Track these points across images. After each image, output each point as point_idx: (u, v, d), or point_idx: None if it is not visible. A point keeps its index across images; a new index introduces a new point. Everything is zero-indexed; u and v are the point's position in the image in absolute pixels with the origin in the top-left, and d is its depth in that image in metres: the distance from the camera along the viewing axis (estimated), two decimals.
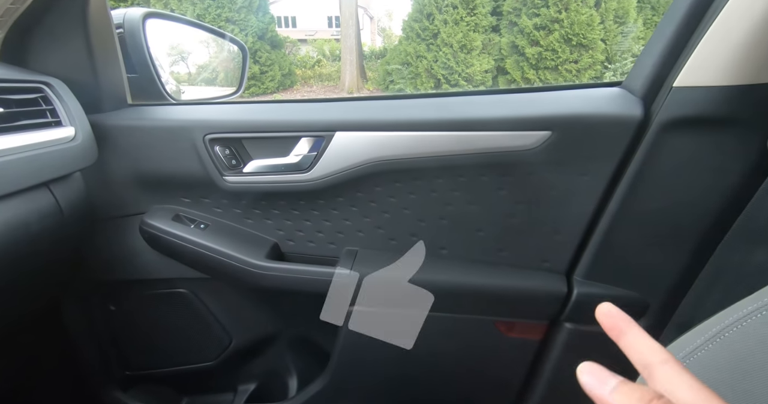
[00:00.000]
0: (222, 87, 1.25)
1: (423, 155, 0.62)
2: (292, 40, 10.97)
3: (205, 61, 1.27)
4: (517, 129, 0.59)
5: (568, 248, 0.65)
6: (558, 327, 0.68)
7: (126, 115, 0.70)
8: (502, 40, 7.36)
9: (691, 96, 0.52)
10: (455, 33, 7.17)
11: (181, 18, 0.90)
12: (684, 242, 0.59)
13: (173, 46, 1.19)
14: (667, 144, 0.55)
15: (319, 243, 0.74)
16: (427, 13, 7.31)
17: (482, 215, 0.66)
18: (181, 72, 1.35)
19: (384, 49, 11.05)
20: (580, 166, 0.60)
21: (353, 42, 8.70)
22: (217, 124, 0.67)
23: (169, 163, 0.68)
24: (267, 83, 8.31)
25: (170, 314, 0.79)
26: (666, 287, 0.62)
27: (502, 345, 0.70)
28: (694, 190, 0.56)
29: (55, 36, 0.61)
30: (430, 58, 7.34)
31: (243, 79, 0.98)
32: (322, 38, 13.33)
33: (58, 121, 0.57)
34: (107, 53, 0.67)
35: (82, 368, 0.79)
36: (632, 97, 0.58)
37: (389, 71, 7.98)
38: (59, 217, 0.57)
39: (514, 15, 7.15)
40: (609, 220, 0.60)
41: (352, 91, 8.59)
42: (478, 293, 0.67)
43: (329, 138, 0.64)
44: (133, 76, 0.78)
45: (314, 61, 10.73)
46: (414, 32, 7.48)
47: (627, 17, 7.03)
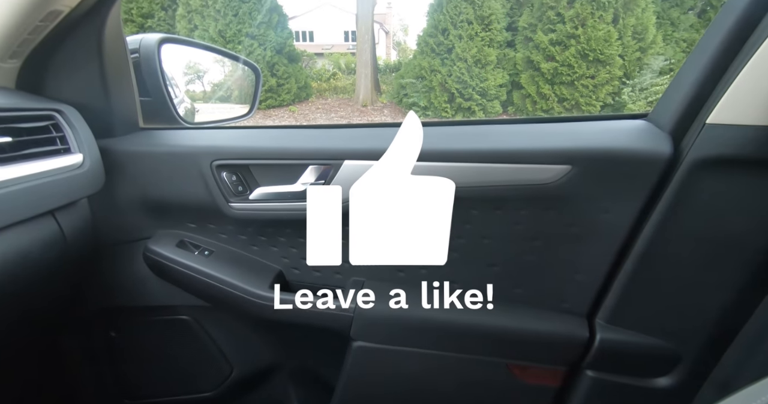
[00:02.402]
0: (236, 104, 1.26)
1: None
2: (309, 54, 11.24)
3: (220, 80, 1.28)
4: (534, 162, 0.56)
5: (590, 289, 0.61)
6: (578, 375, 0.63)
7: (136, 139, 0.69)
8: (517, 55, 7.36)
9: (727, 134, 0.48)
10: (470, 48, 7.21)
11: (196, 42, 0.92)
12: (723, 291, 0.55)
13: (190, 65, 1.21)
14: (700, 184, 0.51)
15: (325, 272, 0.71)
16: (442, 29, 7.39)
17: (496, 249, 0.63)
18: (197, 90, 1.37)
19: (398, 62, 11.20)
20: (603, 203, 0.56)
21: (368, 56, 8.85)
22: (225, 150, 0.66)
23: (176, 188, 0.68)
24: (283, 95, 8.49)
25: (172, 341, 0.77)
26: (702, 340, 0.57)
27: (515, 389, 0.65)
28: (733, 235, 0.52)
29: (71, 64, 0.62)
30: (444, 72, 7.38)
31: (255, 101, 0.98)
32: (338, 52, 13.63)
33: (67, 148, 0.57)
34: (121, 79, 0.67)
35: (82, 396, 0.78)
36: (659, 132, 0.55)
37: (403, 85, 8.06)
38: (62, 244, 0.56)
39: (530, 30, 7.16)
40: (635, 262, 0.56)
41: (366, 104, 8.70)
42: (489, 332, 0.63)
43: (337, 167, 0.63)
44: (147, 99, 0.78)
45: (330, 74, 10.94)
46: (429, 47, 7.56)
47: (646, 33, 6.96)
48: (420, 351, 0.65)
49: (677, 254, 0.54)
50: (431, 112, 7.66)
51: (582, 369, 0.62)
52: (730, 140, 0.48)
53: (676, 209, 0.52)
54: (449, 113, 7.54)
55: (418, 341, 0.65)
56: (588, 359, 0.61)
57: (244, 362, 0.80)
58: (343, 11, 16.56)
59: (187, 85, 1.31)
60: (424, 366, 0.66)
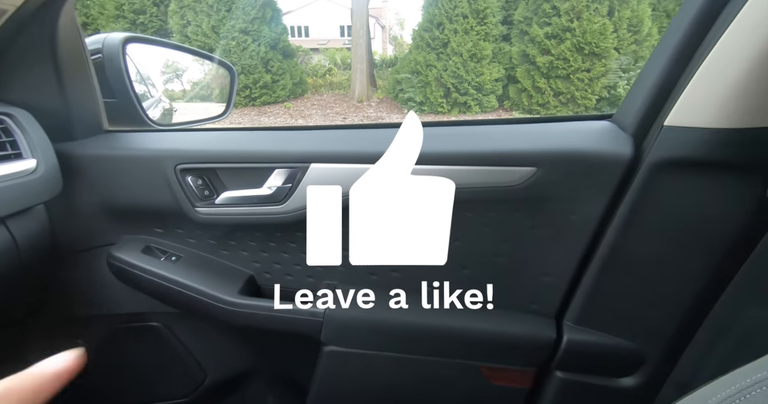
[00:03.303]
0: (215, 103, 1.24)
1: None
2: (305, 50, 11.13)
3: (198, 79, 1.26)
4: (501, 165, 0.54)
5: (558, 290, 0.60)
6: (548, 376, 0.62)
7: (98, 143, 0.67)
8: (512, 49, 7.31)
9: (682, 136, 0.47)
10: (465, 42, 7.15)
11: (164, 42, 0.89)
12: (680, 293, 0.54)
13: (168, 64, 1.18)
14: (660, 186, 0.50)
15: (297, 276, 0.70)
16: (437, 23, 7.32)
17: (467, 252, 0.62)
18: (176, 89, 1.35)
19: (395, 57, 11.11)
20: (568, 205, 0.55)
21: (363, 51, 8.77)
22: (189, 154, 0.64)
23: (140, 193, 0.66)
24: (278, 92, 8.41)
25: (142, 348, 0.75)
26: (664, 341, 0.56)
27: (487, 392, 0.64)
28: (690, 238, 0.51)
29: (22, 65, 0.59)
30: (440, 67, 7.33)
31: (230, 101, 0.95)
32: (334, 47, 13.51)
33: (18, 153, 0.55)
34: (79, 80, 0.65)
35: None
36: (622, 134, 0.53)
37: (399, 80, 8.00)
38: (15, 252, 0.54)
39: (525, 24, 7.10)
40: (599, 264, 0.55)
41: (362, 99, 8.64)
42: (461, 335, 0.62)
43: (304, 170, 0.61)
44: (113, 101, 0.76)
45: (325, 69, 10.85)
46: (424, 41, 7.49)
47: (641, 26, 6.91)
48: (391, 355, 0.64)
49: (640, 254, 0.54)
50: (427, 107, 7.62)
51: (551, 369, 0.62)
52: (686, 142, 0.47)
53: (638, 211, 0.51)
54: (445, 108, 7.50)
55: (389, 345, 0.64)
56: (556, 360, 0.60)
57: (218, 367, 0.78)
58: (338, 6, 16.40)
59: (165, 85, 1.28)
60: (396, 370, 0.65)
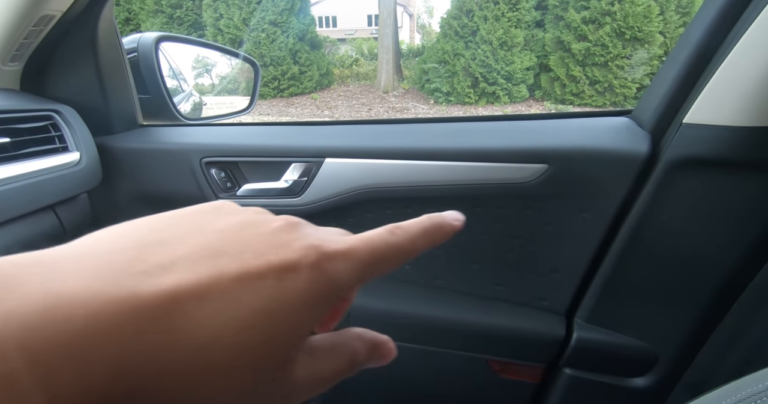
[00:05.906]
0: (242, 96, 1.29)
1: (412, 184, 0.59)
2: (332, 40, 11.16)
3: (224, 74, 1.31)
4: (512, 161, 0.54)
5: (568, 288, 0.59)
6: (557, 372, 0.63)
7: (134, 137, 0.73)
8: (546, 35, 6.98)
9: (702, 134, 0.45)
10: (495, 29, 6.91)
11: (195, 40, 0.93)
12: (697, 294, 0.52)
13: (198, 60, 1.24)
14: (677, 185, 0.48)
15: None
16: (466, 10, 7.11)
17: (477, 248, 0.62)
18: (205, 83, 1.41)
19: (422, 46, 10.91)
20: (580, 202, 0.54)
21: (390, 41, 8.67)
22: (214, 148, 0.68)
23: (169, 184, 0.71)
24: (306, 83, 8.53)
25: None
26: (678, 341, 0.55)
27: (494, 385, 0.65)
28: (707, 238, 0.49)
29: (68, 66, 0.65)
30: (468, 56, 7.14)
31: (254, 96, 0.99)
32: (361, 37, 13.44)
33: (65, 146, 0.61)
34: (117, 78, 0.70)
35: None
36: (640, 131, 0.52)
37: (425, 70, 7.87)
38: (63, 237, 0.60)
39: (561, 9, 6.74)
40: (612, 262, 0.54)
41: (388, 90, 8.59)
42: (470, 328, 0.63)
43: (319, 164, 0.63)
44: (147, 97, 0.81)
45: (352, 60, 10.84)
46: (452, 30, 7.30)
47: (692, 7, 6.38)
48: (402, 345, 0.66)
49: (655, 254, 0.52)
50: (454, 98, 7.46)
51: (560, 366, 0.62)
52: (705, 140, 0.45)
53: (654, 209, 0.50)
54: (473, 98, 7.32)
55: (396, 336, 0.66)
56: (565, 357, 0.60)
57: None
58: None
59: (196, 80, 1.35)
60: (406, 360, 0.68)
